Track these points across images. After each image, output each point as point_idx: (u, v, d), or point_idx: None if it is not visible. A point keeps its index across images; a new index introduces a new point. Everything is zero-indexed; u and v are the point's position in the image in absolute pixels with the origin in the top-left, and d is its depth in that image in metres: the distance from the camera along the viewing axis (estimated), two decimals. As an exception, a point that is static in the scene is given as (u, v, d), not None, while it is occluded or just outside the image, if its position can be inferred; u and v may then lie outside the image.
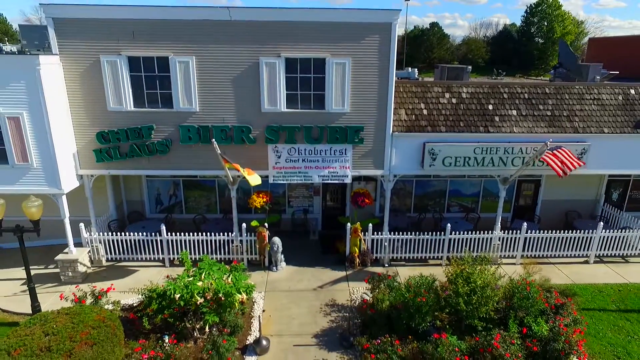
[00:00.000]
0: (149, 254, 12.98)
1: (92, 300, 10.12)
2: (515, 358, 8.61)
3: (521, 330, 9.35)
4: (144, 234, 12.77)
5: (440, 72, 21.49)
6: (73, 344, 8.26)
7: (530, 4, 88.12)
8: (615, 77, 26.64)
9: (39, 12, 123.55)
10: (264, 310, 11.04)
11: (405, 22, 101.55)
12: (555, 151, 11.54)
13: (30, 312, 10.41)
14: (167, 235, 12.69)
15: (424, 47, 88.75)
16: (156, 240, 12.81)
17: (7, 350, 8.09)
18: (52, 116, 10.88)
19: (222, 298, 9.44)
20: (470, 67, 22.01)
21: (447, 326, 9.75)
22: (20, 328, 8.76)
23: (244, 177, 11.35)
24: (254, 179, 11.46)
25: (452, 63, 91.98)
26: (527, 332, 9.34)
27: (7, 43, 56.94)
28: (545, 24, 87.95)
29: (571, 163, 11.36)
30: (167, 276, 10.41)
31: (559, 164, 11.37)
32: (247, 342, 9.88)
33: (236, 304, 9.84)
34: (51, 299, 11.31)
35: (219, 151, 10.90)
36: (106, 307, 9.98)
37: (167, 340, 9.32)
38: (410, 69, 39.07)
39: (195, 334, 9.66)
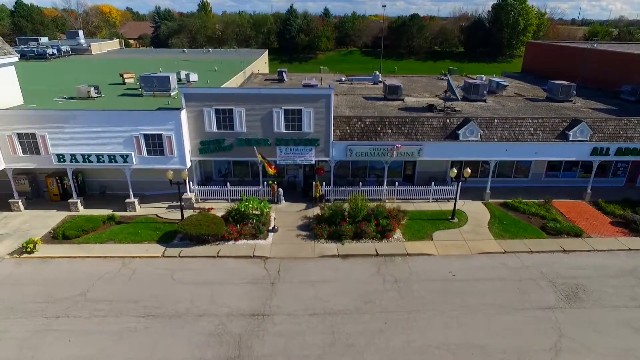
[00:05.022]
0: (220, 197, 27.72)
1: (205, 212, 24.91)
2: (369, 230, 23.50)
3: (375, 223, 24.14)
4: (218, 186, 27.50)
5: (384, 87, 35.77)
6: (207, 221, 23.12)
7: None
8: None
9: (69, 2, 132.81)
10: (275, 218, 25.82)
11: (383, 12, 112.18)
12: (400, 146, 26.07)
13: (178, 219, 25.12)
14: (229, 186, 27.40)
15: (405, 36, 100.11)
16: (224, 190, 27.52)
17: (189, 223, 22.95)
18: (183, 134, 25.29)
19: (258, 210, 24.33)
20: (402, 85, 36.09)
21: (349, 223, 24.48)
22: (186, 219, 23.60)
23: (267, 170, 25.93)
24: (271, 171, 26.19)
25: (432, 49, 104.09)
26: (378, 223, 24.15)
27: (59, 38, 68.42)
28: (512, 15, 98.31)
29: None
30: (234, 204, 25.22)
31: (400, 150, 26.00)
32: (269, 228, 24.70)
33: (265, 213, 24.72)
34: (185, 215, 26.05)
35: (257, 152, 25.50)
36: (212, 214, 24.87)
37: (238, 226, 24.10)
38: (376, 72, 51.86)
39: (249, 225, 24.49)
